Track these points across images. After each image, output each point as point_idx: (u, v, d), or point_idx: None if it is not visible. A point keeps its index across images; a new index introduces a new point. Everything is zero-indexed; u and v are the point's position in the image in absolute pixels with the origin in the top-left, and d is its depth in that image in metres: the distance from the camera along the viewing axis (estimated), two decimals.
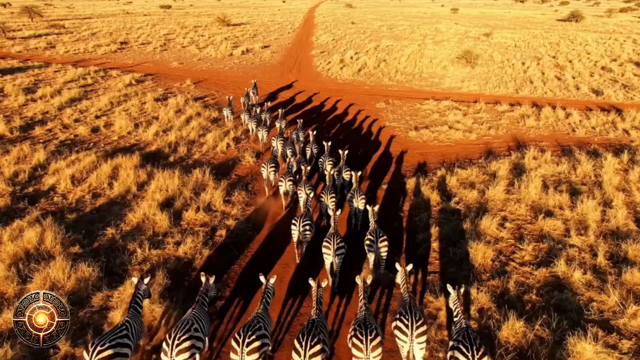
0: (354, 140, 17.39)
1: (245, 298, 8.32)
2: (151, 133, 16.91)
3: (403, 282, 6.97)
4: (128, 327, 6.14)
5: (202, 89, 25.50)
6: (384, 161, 15.33)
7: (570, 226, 10.45)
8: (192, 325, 6.12)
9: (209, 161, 14.81)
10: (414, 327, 6.04)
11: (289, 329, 7.66)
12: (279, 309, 8.07)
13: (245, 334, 5.93)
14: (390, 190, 13.02)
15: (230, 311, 8.02)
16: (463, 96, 24.41)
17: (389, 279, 8.48)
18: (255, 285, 8.23)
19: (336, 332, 7.56)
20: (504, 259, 9.20)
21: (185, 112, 19.97)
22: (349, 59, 35.62)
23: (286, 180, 11.18)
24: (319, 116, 20.50)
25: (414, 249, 9.89)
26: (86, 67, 30.24)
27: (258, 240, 10.33)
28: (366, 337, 5.82)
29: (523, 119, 19.82)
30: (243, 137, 17.20)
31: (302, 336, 5.87)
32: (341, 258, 8.18)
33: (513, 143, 16.96)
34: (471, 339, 5.74)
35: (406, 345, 6.09)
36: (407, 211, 11.63)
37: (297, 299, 8.38)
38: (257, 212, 11.57)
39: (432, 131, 17.95)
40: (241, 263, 9.45)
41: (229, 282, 8.78)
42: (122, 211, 11.15)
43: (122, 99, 22.35)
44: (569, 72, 30.74)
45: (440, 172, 13.65)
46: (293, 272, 9.15)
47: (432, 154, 15.86)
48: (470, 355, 5.55)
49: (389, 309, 8.04)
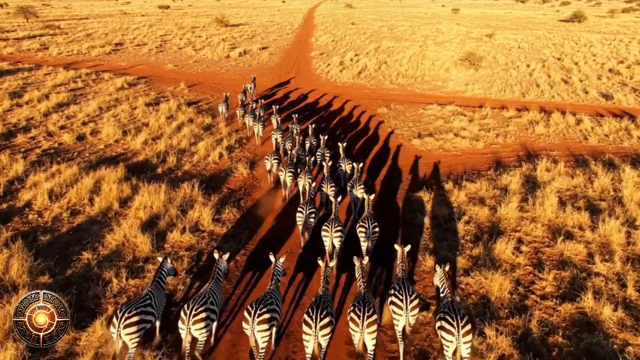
0: (354, 150, 16.43)
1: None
2: (140, 141, 15.94)
3: (401, 262, 7.41)
4: (151, 297, 6.60)
5: (196, 92, 24.54)
6: (387, 173, 14.37)
7: (593, 250, 9.50)
8: (208, 299, 6.56)
9: (200, 172, 13.85)
10: (409, 301, 6.60)
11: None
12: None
13: (257, 307, 6.38)
14: (394, 206, 12.06)
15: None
16: (467, 100, 23.46)
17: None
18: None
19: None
20: (522, 291, 8.24)
21: (177, 118, 19.00)
22: (349, 60, 34.67)
23: (286, 172, 11.68)
24: (318, 122, 19.54)
25: (424, 278, 8.93)
26: (78, 69, 29.27)
27: (246, 279, 9.38)
28: (363, 313, 6.24)
29: (532, 125, 18.86)
30: (237, 146, 16.24)
31: (312, 310, 6.31)
32: (339, 241, 8.77)
33: (523, 152, 16.01)
34: (456, 310, 6.25)
35: (402, 319, 6.61)
36: (414, 232, 10.67)
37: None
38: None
39: (437, 139, 16.98)
40: (233, 295, 8.50)
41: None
42: (102, 231, 10.19)
43: (112, 103, 21.39)
44: (576, 74, 29.81)
45: (447, 186, 12.69)
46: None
47: (437, 164, 14.90)
48: (455, 323, 6.07)
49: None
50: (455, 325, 6.04)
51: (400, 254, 7.43)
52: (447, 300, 6.54)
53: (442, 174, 14.05)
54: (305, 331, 6.18)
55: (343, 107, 22.10)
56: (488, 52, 38.43)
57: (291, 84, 27.26)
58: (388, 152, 16.12)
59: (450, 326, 6.07)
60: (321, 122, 19.63)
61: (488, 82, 27.81)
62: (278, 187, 12.81)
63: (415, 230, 10.61)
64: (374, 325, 6.21)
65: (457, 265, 9.04)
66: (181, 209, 11.21)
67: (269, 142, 16.39)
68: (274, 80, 27.94)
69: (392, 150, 16.33)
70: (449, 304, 6.40)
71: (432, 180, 13.54)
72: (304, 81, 27.97)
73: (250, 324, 6.26)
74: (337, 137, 17.56)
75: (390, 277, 8.96)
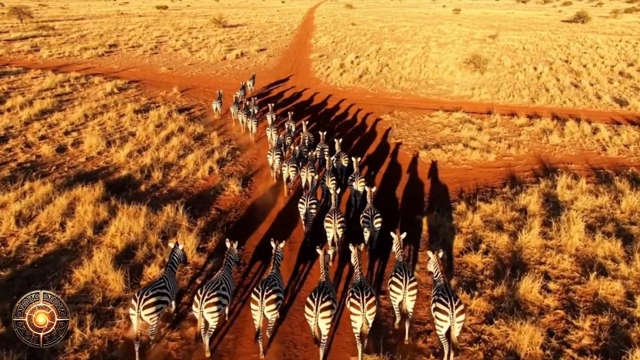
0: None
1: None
2: (124, 154, 14.72)
3: (398, 248, 7.86)
4: (166, 281, 7.07)
5: (189, 98, 23.33)
6: (391, 191, 13.16)
7: (632, 288, 8.28)
8: (220, 285, 6.94)
9: (187, 190, 12.62)
10: (407, 282, 7.01)
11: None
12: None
13: (263, 288, 6.79)
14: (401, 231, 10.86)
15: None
16: (474, 106, 22.26)
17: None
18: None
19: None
20: (556, 344, 7.02)
21: (167, 127, 17.77)
22: (350, 63, 33.45)
23: (289, 166, 11.99)
24: (317, 127, 18.31)
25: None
26: (67, 72, 28.05)
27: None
28: (362, 297, 6.55)
29: (545, 134, 17.66)
30: (229, 159, 15.01)
31: (314, 294, 6.67)
32: (342, 231, 9.19)
33: (538, 165, 14.81)
34: (449, 292, 6.62)
35: (399, 297, 7.08)
36: (426, 265, 9.46)
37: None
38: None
39: (445, 150, 15.76)
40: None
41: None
42: (70, 264, 8.97)
43: (99, 110, 20.17)
44: (585, 78, 28.61)
45: (459, 207, 11.48)
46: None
47: (447, 179, 13.69)
48: (449, 304, 6.43)
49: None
50: (449, 306, 6.41)
51: (397, 239, 7.91)
52: (440, 283, 6.91)
53: (452, 191, 12.83)
54: (308, 313, 6.61)
55: (345, 113, 20.90)
56: (493, 54, 37.22)
57: (289, 86, 26.04)
58: (393, 166, 14.91)
59: (444, 307, 6.44)
60: (321, 127, 18.41)
61: (495, 86, 26.61)
62: (272, 206, 11.65)
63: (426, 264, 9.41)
64: (374, 307, 6.62)
65: (477, 309, 7.82)
66: (163, 235, 9.98)
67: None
68: (271, 83, 26.73)
69: (397, 163, 15.12)
70: (442, 286, 6.77)
71: (442, 200, 12.32)
72: (303, 84, 26.75)
73: (259, 304, 6.69)
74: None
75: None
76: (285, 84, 27.17)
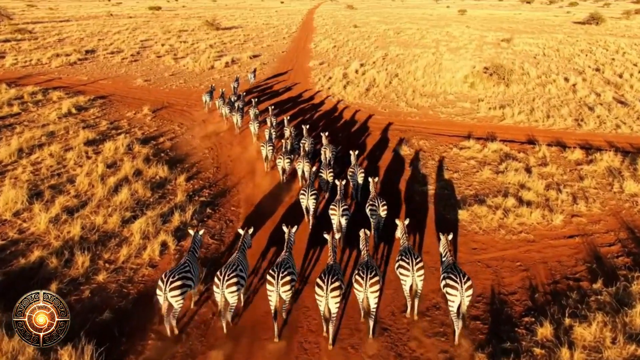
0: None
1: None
2: (48, 217, 10.53)
3: (402, 234, 8.23)
4: (189, 265, 7.41)
5: (161, 120, 19.17)
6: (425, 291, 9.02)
7: None
8: (238, 266, 7.33)
9: (120, 290, 8.39)
10: (415, 264, 7.34)
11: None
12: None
13: (279, 270, 7.14)
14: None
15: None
16: (510, 132, 18.10)
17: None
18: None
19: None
20: None
21: (121, 168, 13.60)
22: (354, 73, 29.33)
23: (284, 159, 12.58)
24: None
25: None
26: (24, 86, 23.90)
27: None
28: (366, 275, 7.00)
29: (613, 177, 13.53)
30: (195, 223, 10.84)
31: (324, 275, 7.00)
32: (346, 219, 9.54)
33: (624, 233, 10.64)
34: (458, 269, 7.08)
35: (409, 279, 7.35)
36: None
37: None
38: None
39: (492, 207, 11.55)
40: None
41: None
42: None
43: (43, 141, 15.99)
44: (629, 92, 24.47)
45: (541, 331, 7.29)
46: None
47: (504, 265, 9.45)
48: (459, 280, 6.87)
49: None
50: (459, 281, 6.83)
51: (401, 227, 8.28)
52: (449, 262, 7.35)
53: (518, 290, 8.61)
54: (318, 293, 6.89)
55: (350, 145, 16.75)
56: (512, 61, 33.10)
57: (284, 98, 21.85)
58: (423, 237, 10.76)
59: (455, 282, 6.85)
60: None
61: (526, 102, 22.47)
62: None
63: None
64: (377, 285, 6.98)
65: None
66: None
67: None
68: (260, 96, 22.57)
69: (427, 231, 10.96)
70: (451, 265, 7.22)
71: (508, 312, 8.12)
72: (300, 101, 22.58)
73: (275, 285, 6.99)
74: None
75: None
76: (280, 96, 22.97)
